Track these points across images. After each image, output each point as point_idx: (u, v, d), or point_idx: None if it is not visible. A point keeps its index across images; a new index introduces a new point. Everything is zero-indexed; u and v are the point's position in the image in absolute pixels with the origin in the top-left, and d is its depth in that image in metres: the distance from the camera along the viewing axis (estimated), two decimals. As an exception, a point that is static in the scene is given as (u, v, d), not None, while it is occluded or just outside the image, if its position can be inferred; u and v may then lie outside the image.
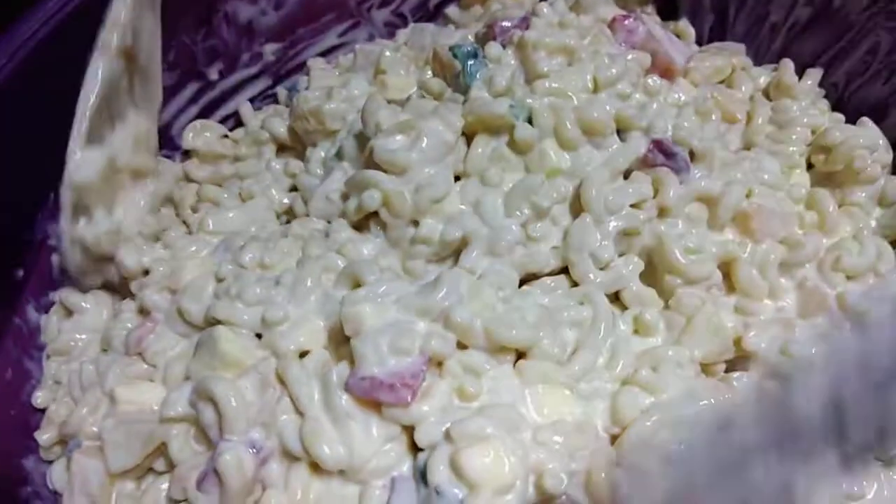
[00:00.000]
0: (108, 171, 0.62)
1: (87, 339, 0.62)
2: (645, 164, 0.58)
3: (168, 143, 0.77)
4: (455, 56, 0.65)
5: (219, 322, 0.54)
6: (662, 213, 0.57)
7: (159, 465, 0.53)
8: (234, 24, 0.76)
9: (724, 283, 0.58)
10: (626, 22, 0.70)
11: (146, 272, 0.64)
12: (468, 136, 0.61)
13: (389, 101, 0.64)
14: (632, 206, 0.57)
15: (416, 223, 0.58)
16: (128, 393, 0.54)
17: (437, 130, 0.58)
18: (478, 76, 0.62)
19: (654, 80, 0.64)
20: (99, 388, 0.56)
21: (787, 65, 0.71)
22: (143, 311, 0.61)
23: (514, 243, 0.56)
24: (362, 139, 0.62)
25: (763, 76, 0.72)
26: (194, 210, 0.73)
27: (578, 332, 0.53)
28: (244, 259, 0.58)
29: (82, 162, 0.60)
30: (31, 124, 0.62)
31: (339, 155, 0.65)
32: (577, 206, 0.58)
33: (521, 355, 0.52)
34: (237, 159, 0.77)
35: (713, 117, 0.65)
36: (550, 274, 0.58)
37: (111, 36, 0.59)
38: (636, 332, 0.55)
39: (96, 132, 0.60)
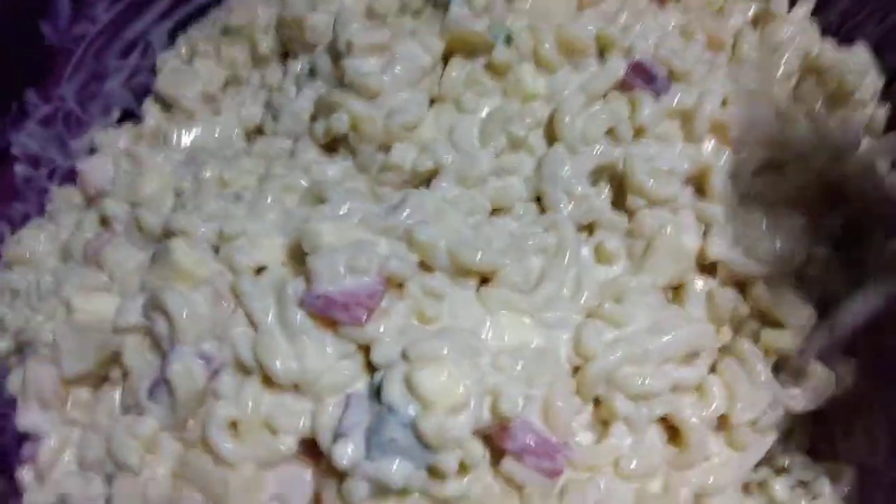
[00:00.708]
0: None
1: (45, 249, 0.61)
2: (623, 87, 0.56)
3: (146, 52, 0.75)
4: None
5: (175, 233, 0.53)
6: (637, 133, 0.56)
7: (115, 374, 0.52)
8: (212, -68, 0.74)
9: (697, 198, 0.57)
10: None
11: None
12: (444, 58, 0.59)
13: (371, 14, 0.61)
14: (608, 131, 0.55)
15: (386, 148, 0.56)
16: (84, 302, 0.53)
17: (413, 53, 0.56)
18: None
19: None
20: (55, 297, 0.55)
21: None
22: (104, 222, 0.60)
23: (487, 174, 0.54)
24: (336, 55, 0.60)
25: (754, 6, 0.70)
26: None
27: (543, 259, 0.52)
28: (204, 174, 0.57)
29: None
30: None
31: (312, 72, 0.62)
32: (551, 133, 0.56)
33: (483, 281, 0.51)
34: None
35: (698, 38, 0.63)
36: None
37: None
38: (598, 260, 0.54)
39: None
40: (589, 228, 0.55)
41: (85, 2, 0.68)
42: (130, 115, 0.74)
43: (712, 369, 0.52)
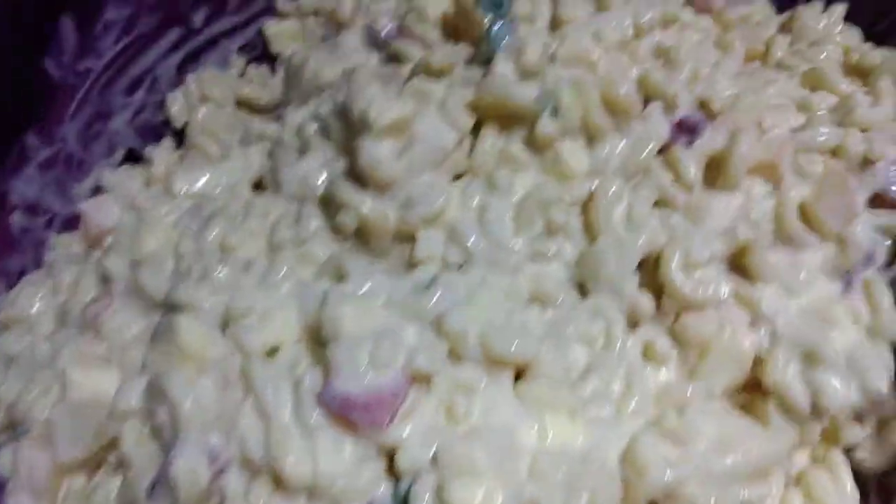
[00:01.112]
0: None
1: (42, 310, 0.57)
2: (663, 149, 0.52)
3: (152, 87, 0.71)
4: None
5: (180, 306, 0.48)
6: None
7: (113, 457, 0.48)
8: (223, -35, 0.70)
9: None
10: None
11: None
12: (478, 121, 0.53)
13: (386, 69, 0.57)
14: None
15: (407, 237, 0.51)
16: (81, 376, 0.49)
17: (436, 130, 0.50)
18: (503, 45, 0.52)
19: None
20: (51, 369, 0.51)
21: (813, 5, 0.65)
22: (104, 280, 0.56)
23: (524, 261, 0.49)
24: (348, 118, 0.53)
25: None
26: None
27: (589, 350, 0.47)
28: (207, 236, 0.52)
29: None
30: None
31: (322, 129, 0.57)
32: (591, 214, 0.51)
33: (521, 374, 0.46)
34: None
35: (737, 47, 0.59)
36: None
37: None
38: (646, 357, 0.49)
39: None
40: (633, 321, 0.50)
41: (92, 35, 0.64)
42: (134, 155, 0.70)
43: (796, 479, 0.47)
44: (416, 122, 0.50)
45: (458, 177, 0.53)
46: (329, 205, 0.52)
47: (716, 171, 0.52)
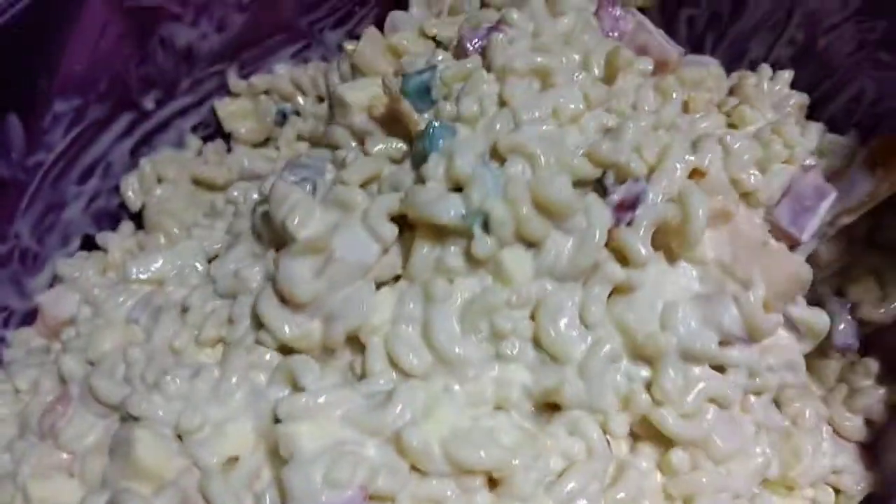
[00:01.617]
0: None
1: (2, 416, 0.57)
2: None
3: (106, 174, 0.71)
4: (405, 92, 0.56)
5: (134, 417, 0.48)
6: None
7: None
8: (172, 50, 0.70)
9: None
10: (612, 9, 0.65)
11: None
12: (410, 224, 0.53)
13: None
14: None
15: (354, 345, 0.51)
16: (42, 490, 0.49)
17: (358, 244, 0.50)
18: (440, 145, 0.52)
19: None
20: (12, 482, 0.51)
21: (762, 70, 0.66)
22: (62, 380, 0.56)
23: (482, 366, 0.49)
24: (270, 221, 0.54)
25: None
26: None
27: (567, 461, 0.47)
28: (156, 337, 0.53)
29: None
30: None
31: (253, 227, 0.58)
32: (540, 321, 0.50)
33: (494, 482, 0.45)
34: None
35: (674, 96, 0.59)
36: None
37: None
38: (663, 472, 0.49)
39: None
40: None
41: (40, 129, 0.64)
42: (91, 242, 0.70)
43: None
44: (336, 237, 0.51)
45: (397, 277, 0.53)
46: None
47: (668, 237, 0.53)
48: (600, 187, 0.53)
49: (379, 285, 0.52)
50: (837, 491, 0.59)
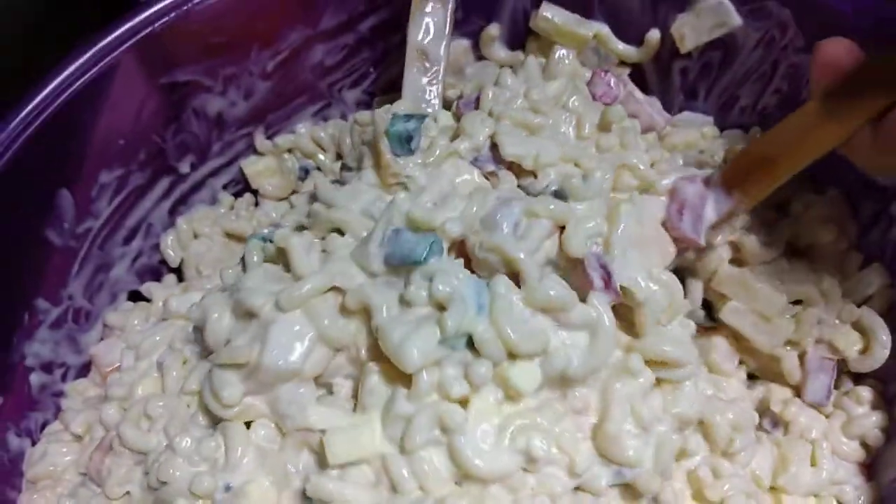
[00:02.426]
0: None
1: (64, 465, 0.63)
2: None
3: (148, 233, 0.78)
4: (388, 132, 0.60)
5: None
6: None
7: None
8: (204, 118, 0.76)
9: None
10: (605, 76, 0.70)
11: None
12: None
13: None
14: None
15: None
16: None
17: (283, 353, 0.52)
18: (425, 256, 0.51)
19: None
20: (75, 530, 0.57)
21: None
22: (106, 429, 0.63)
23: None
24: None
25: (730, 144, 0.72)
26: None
27: None
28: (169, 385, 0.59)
29: None
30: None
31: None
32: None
33: None
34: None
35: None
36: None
37: None
38: None
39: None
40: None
41: (88, 199, 0.71)
42: (137, 296, 0.77)
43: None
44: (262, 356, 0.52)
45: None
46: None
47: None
48: None
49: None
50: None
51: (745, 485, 0.58)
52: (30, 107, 0.63)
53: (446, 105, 0.70)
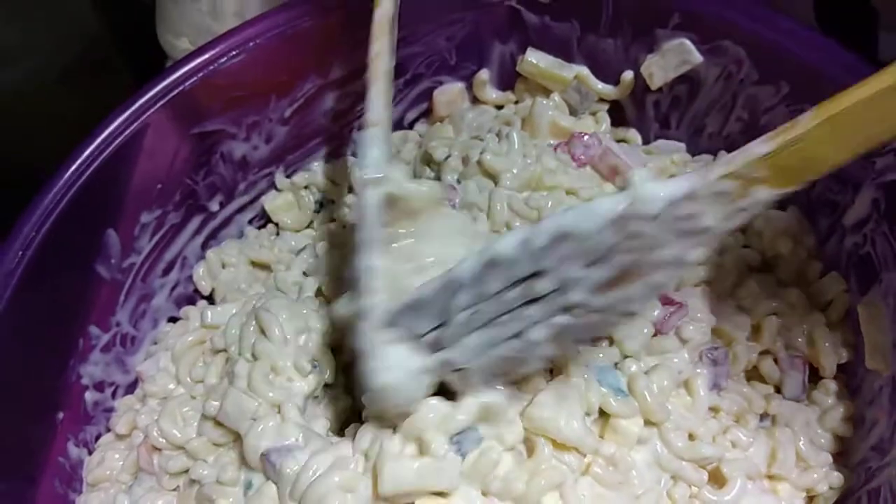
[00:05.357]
0: None
1: (119, 468, 0.72)
2: None
3: (183, 265, 0.87)
4: None
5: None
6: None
7: None
8: (230, 161, 0.85)
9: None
10: (585, 138, 0.78)
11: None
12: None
13: None
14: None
15: None
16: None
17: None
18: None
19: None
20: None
21: None
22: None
23: None
24: None
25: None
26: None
27: None
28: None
29: None
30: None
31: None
32: None
33: None
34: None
35: None
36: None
37: None
38: None
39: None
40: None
41: (131, 237, 0.80)
42: (175, 320, 0.86)
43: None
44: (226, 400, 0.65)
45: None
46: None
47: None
48: None
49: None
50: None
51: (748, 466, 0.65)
52: (79, 160, 0.72)
53: (430, 165, 0.79)
